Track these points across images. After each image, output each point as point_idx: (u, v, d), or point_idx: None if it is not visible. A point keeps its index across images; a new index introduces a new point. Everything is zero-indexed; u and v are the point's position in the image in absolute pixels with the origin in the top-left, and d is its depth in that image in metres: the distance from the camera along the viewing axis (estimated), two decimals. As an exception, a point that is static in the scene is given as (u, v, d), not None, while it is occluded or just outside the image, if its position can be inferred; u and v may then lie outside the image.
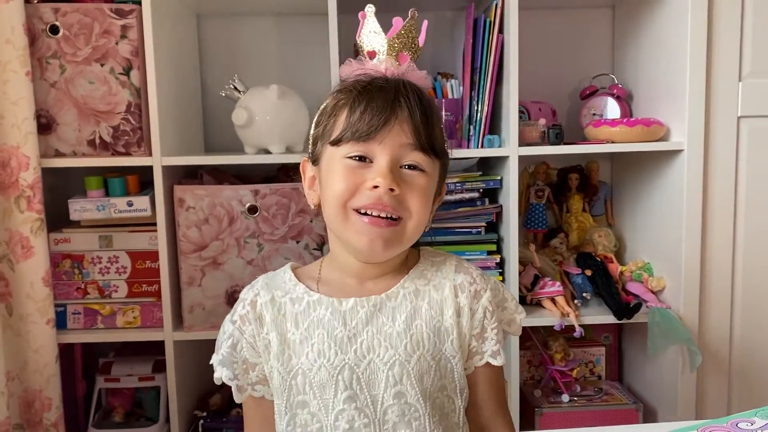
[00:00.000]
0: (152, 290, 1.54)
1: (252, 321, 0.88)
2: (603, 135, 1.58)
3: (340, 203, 0.82)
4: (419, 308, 0.87)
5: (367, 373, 0.84)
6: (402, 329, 0.85)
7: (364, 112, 0.82)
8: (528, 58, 1.53)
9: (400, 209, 0.82)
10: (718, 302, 1.56)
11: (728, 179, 1.53)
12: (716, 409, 1.58)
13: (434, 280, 0.89)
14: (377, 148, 0.82)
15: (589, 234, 1.81)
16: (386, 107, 0.82)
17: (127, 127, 1.48)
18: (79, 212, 1.50)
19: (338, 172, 0.83)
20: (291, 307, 0.87)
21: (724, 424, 0.62)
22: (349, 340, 0.84)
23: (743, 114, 1.51)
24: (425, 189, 0.84)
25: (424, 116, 0.83)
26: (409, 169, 0.83)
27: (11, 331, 1.47)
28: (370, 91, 0.83)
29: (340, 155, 0.83)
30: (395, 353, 0.84)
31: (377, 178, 0.81)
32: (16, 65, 1.40)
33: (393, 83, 0.84)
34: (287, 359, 0.86)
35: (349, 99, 0.84)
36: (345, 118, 0.83)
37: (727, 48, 1.49)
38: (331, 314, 0.86)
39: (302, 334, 0.86)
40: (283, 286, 0.90)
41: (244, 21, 1.82)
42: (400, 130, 0.82)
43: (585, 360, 1.83)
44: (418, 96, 0.84)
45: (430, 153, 0.84)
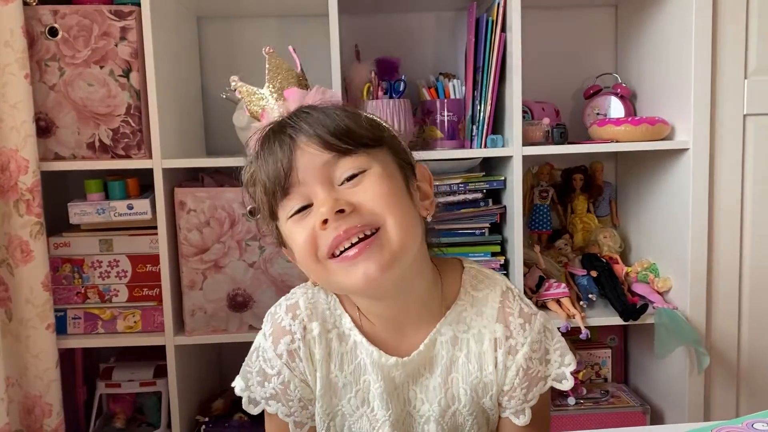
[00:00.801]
0: (153, 294, 1.52)
1: (303, 358, 0.80)
2: (607, 134, 1.56)
3: (310, 259, 0.74)
4: (456, 360, 0.79)
5: (405, 426, 0.80)
6: (438, 383, 0.79)
7: (269, 173, 0.73)
8: (530, 58, 1.52)
9: (364, 219, 0.71)
10: (725, 302, 1.54)
11: (734, 178, 1.51)
12: (724, 410, 1.56)
13: (474, 328, 0.80)
14: (304, 188, 0.73)
15: (594, 235, 1.79)
16: (280, 151, 0.73)
17: (126, 129, 1.47)
18: (78, 216, 1.49)
19: (293, 235, 0.75)
20: (337, 346, 0.80)
21: (739, 425, 0.60)
22: (389, 395, 0.79)
23: (749, 112, 1.49)
24: (380, 184, 0.73)
25: (326, 121, 0.73)
26: (349, 180, 0.73)
27: (11, 336, 1.46)
28: (263, 149, 0.75)
29: (284, 221, 0.76)
30: (430, 408, 0.80)
31: (320, 209, 0.71)
32: (14, 68, 1.39)
33: (279, 124, 0.76)
34: (328, 401, 0.81)
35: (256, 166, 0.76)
36: (261, 189, 0.76)
37: (732, 45, 1.48)
38: (371, 365, 0.79)
39: (346, 378, 0.80)
40: (329, 315, 0.82)
41: (245, 23, 1.81)
42: (308, 154, 0.72)
43: (591, 362, 1.81)
44: (309, 113, 0.75)
45: (358, 149, 0.73)
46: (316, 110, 0.76)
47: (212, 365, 1.79)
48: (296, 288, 0.86)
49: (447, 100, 1.58)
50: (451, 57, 1.78)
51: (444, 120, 1.57)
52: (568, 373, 0.81)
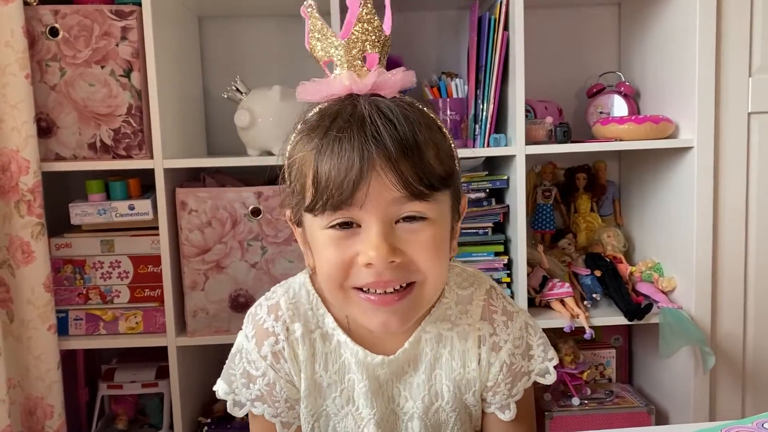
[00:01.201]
0: (155, 295, 1.51)
1: (288, 359, 0.78)
2: (611, 133, 1.55)
3: (335, 284, 0.70)
4: (440, 356, 0.79)
5: (389, 423, 0.79)
6: (422, 380, 0.78)
7: (330, 173, 0.65)
8: (533, 57, 1.51)
9: (408, 275, 0.69)
10: (730, 302, 1.53)
11: (739, 176, 1.50)
12: (730, 411, 1.55)
13: (459, 326, 0.79)
14: (359, 212, 0.66)
15: (598, 234, 1.78)
16: (354, 160, 0.64)
17: (128, 129, 1.47)
18: (80, 216, 1.48)
19: (324, 246, 0.69)
20: (321, 346, 0.79)
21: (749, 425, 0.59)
22: (374, 393, 0.78)
23: (754, 110, 1.48)
24: (435, 240, 0.69)
25: (408, 151, 0.65)
26: (407, 221, 0.68)
27: (12, 337, 1.45)
28: (332, 139, 0.66)
29: (319, 225, 0.69)
30: (414, 405, 0.79)
31: (369, 252, 0.66)
32: (15, 68, 1.38)
33: (358, 117, 0.66)
34: (312, 401, 0.80)
35: (312, 152, 0.68)
36: (311, 183, 0.68)
37: (736, 43, 1.47)
38: (356, 365, 0.78)
39: (330, 378, 0.79)
40: (311, 316, 0.79)
41: (246, 22, 1.80)
42: (382, 183, 0.65)
43: (595, 362, 1.80)
44: (394, 125, 0.66)
45: (429, 195, 0.67)
46: (400, 120, 0.66)
47: (214, 366, 1.77)
48: (277, 286, 0.84)
49: (449, 99, 1.57)
50: (454, 56, 1.77)
51: (447, 119, 1.56)
52: (551, 368, 0.82)
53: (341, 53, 0.71)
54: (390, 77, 0.70)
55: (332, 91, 0.71)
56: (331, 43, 0.71)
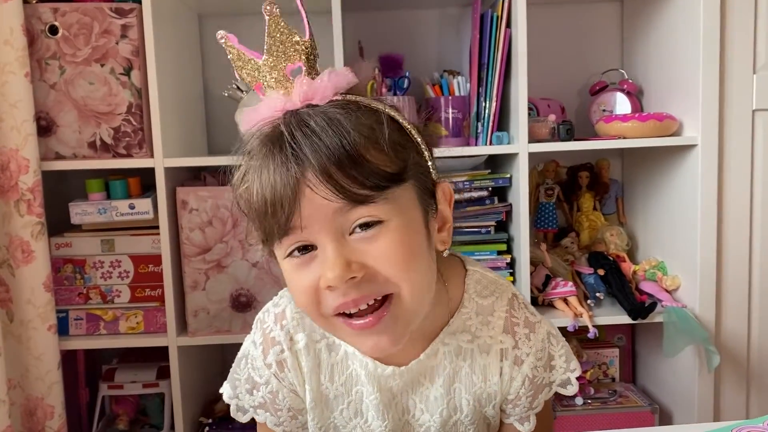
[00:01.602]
0: (155, 295, 1.51)
1: (292, 368, 0.76)
2: (614, 131, 1.54)
3: (314, 314, 0.67)
4: (459, 369, 0.75)
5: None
6: (440, 393, 0.75)
7: (264, 202, 0.62)
8: (535, 54, 1.50)
9: (378, 288, 0.63)
10: (734, 301, 1.52)
11: (744, 173, 1.49)
12: (734, 410, 1.54)
13: (480, 338, 0.75)
14: (308, 234, 0.63)
15: (601, 233, 1.77)
16: (278, 183, 0.61)
17: (128, 128, 1.46)
18: (80, 216, 1.47)
19: (289, 276, 0.67)
20: (327, 357, 0.76)
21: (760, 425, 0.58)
22: (386, 406, 0.75)
23: (758, 107, 1.47)
24: (396, 243, 0.63)
25: (336, 160, 0.60)
26: (362, 230, 0.63)
27: (12, 337, 1.44)
28: (257, 168, 0.63)
29: (281, 255, 0.67)
30: (431, 418, 0.76)
31: (327, 274, 0.62)
32: (15, 66, 1.37)
33: (276, 138, 0.63)
34: (319, 414, 0.77)
35: (245, 186, 0.66)
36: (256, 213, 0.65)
37: (740, 39, 1.45)
38: (366, 377, 0.75)
39: (337, 389, 0.76)
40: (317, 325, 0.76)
41: (247, 20, 1.78)
42: (315, 198, 0.61)
43: (598, 362, 1.79)
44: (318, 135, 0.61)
45: (375, 196, 0.62)
46: (328, 125, 0.62)
47: (215, 366, 1.77)
48: (284, 291, 0.80)
49: (452, 98, 1.56)
50: (456, 54, 1.76)
51: (449, 117, 1.55)
52: (573, 379, 0.79)
53: (265, 74, 0.67)
54: (318, 83, 0.66)
55: (267, 115, 0.66)
56: (253, 65, 0.68)
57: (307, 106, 0.65)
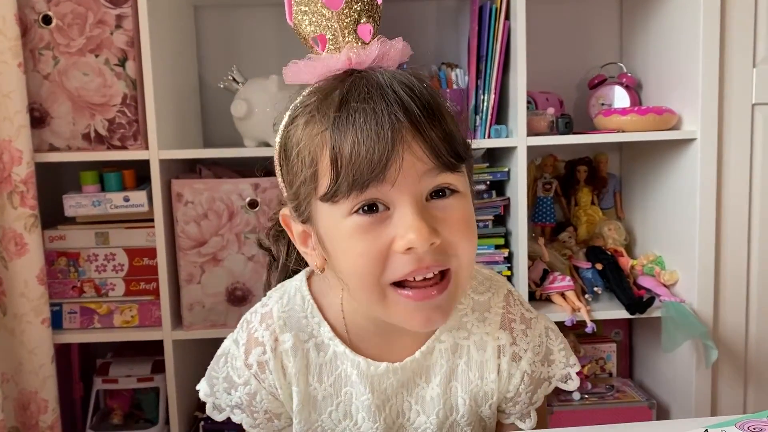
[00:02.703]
0: (150, 288, 1.49)
1: (273, 370, 0.73)
2: (613, 124, 1.53)
3: (370, 282, 0.62)
4: (455, 367, 0.73)
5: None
6: (437, 393, 0.73)
7: (356, 148, 0.58)
8: (534, 47, 1.49)
9: (446, 259, 0.62)
10: (733, 296, 1.51)
11: (743, 168, 1.48)
12: (732, 405, 1.54)
13: (476, 335, 0.73)
14: (390, 190, 0.59)
15: (599, 227, 1.76)
16: (383, 133, 0.58)
17: (122, 120, 1.44)
18: (74, 208, 1.46)
19: (349, 237, 0.61)
20: (315, 357, 0.73)
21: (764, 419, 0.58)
22: (378, 408, 0.72)
23: (758, 101, 1.46)
24: (468, 216, 0.63)
25: (434, 119, 0.60)
26: (438, 197, 0.62)
27: (5, 331, 1.43)
28: (349, 115, 0.59)
29: (341, 213, 0.61)
30: (427, 420, 0.73)
31: (408, 236, 0.59)
32: (7, 56, 1.35)
33: (375, 88, 0.60)
34: (306, 416, 0.74)
35: (326, 131, 0.60)
36: (330, 164, 0.60)
37: (740, 33, 1.44)
38: (358, 376, 0.72)
39: (326, 390, 0.73)
40: (305, 325, 0.74)
41: (243, 11, 1.78)
42: (412, 155, 0.59)
43: (595, 356, 1.78)
44: (415, 92, 0.60)
45: (457, 166, 0.62)
46: (421, 93, 0.61)
47: (211, 360, 1.76)
48: (272, 291, 0.78)
49: (450, 90, 1.55)
50: (454, 46, 1.75)
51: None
52: (574, 374, 0.78)
53: (335, 25, 0.63)
54: (392, 47, 0.64)
55: (331, 67, 0.63)
56: (322, 14, 0.63)
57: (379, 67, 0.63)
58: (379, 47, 0.63)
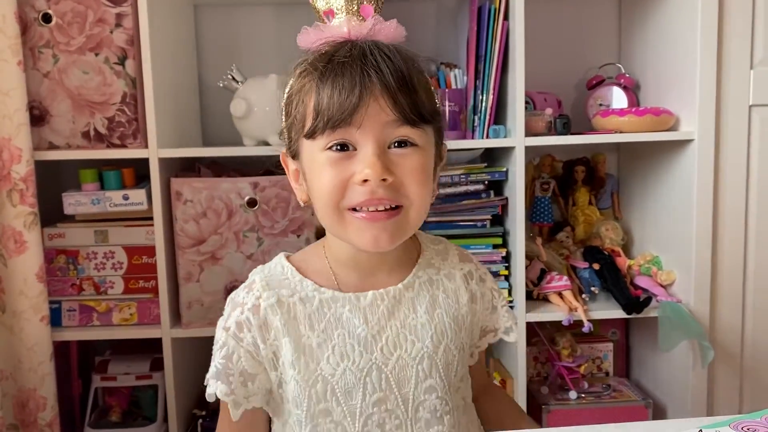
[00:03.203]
0: (149, 286, 1.50)
1: (254, 327, 0.79)
2: (611, 125, 1.54)
3: (331, 204, 0.75)
4: (436, 297, 0.83)
5: (396, 371, 0.78)
6: (425, 320, 0.81)
7: (332, 96, 0.72)
8: (533, 47, 1.49)
9: (398, 197, 0.74)
10: (729, 296, 1.52)
11: (740, 169, 1.49)
12: (728, 405, 1.55)
13: (444, 269, 0.86)
14: (357, 133, 0.73)
15: (596, 227, 1.77)
16: (355, 84, 0.71)
17: (122, 118, 1.44)
18: (73, 206, 1.46)
19: (321, 168, 0.74)
20: (302, 308, 0.79)
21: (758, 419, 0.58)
22: (374, 338, 0.78)
23: (755, 102, 1.47)
24: (422, 167, 0.76)
25: (403, 83, 0.73)
26: (399, 147, 0.74)
27: (4, 328, 1.43)
28: (333, 68, 0.73)
29: (318, 148, 0.75)
30: (423, 346, 0.80)
31: (365, 170, 0.72)
32: (7, 54, 1.36)
33: (358, 51, 0.74)
34: (304, 366, 0.77)
35: (313, 81, 0.74)
36: (313, 106, 0.74)
37: (738, 35, 1.45)
38: (350, 311, 0.79)
39: (319, 336, 0.78)
40: (287, 283, 0.81)
41: (243, 11, 1.78)
42: (378, 107, 0.72)
43: (592, 356, 1.79)
44: (391, 60, 0.73)
45: (419, 123, 0.74)
46: (397, 62, 0.74)
47: (209, 358, 1.76)
48: (253, 270, 0.87)
49: (448, 90, 1.55)
50: (453, 46, 1.76)
51: (445, 110, 1.55)
52: None
53: (342, 3, 0.78)
54: (386, 25, 0.77)
55: (334, 34, 0.77)
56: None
57: (372, 40, 0.76)
58: (374, 23, 0.77)
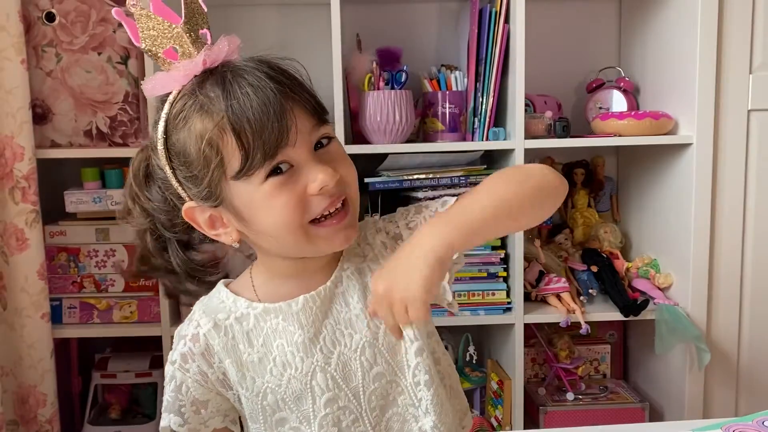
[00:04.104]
0: (149, 284, 1.51)
1: (197, 356, 0.79)
2: (610, 128, 1.55)
3: (295, 225, 0.73)
4: (367, 284, 0.81)
5: (340, 368, 0.78)
6: (359, 310, 0.79)
7: (256, 125, 0.68)
8: (533, 50, 1.50)
9: (343, 189, 0.76)
10: (726, 299, 1.53)
11: (738, 173, 1.50)
12: (724, 408, 1.56)
13: (368, 254, 0.83)
14: (291, 150, 0.71)
15: (595, 230, 1.78)
16: (269, 106, 0.69)
17: (124, 117, 1.45)
18: (75, 204, 1.47)
19: (269, 198, 0.72)
20: (239, 328, 0.79)
21: (749, 422, 0.59)
22: (311, 341, 0.78)
23: (753, 107, 1.48)
24: (344, 152, 0.78)
25: (302, 87, 0.73)
26: (321, 147, 0.75)
27: (5, 325, 1.44)
28: (237, 99, 0.69)
29: (256, 183, 0.71)
30: (361, 336, 0.79)
31: (319, 177, 0.71)
32: (11, 53, 1.37)
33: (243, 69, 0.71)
34: (250, 382, 0.78)
35: (222, 121, 0.69)
36: (236, 146, 0.69)
37: (737, 40, 1.46)
38: (284, 320, 0.78)
39: (259, 351, 0.78)
40: (222, 307, 0.81)
41: (245, 11, 1.79)
42: (301, 117, 0.71)
43: (590, 358, 1.80)
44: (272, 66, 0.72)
45: (328, 116, 0.77)
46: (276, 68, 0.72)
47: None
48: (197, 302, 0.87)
49: (449, 92, 1.56)
50: (454, 48, 1.76)
51: (445, 112, 1.55)
52: None
53: (183, 35, 0.72)
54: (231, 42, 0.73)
55: (190, 71, 0.72)
56: (171, 29, 0.72)
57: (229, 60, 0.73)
58: (228, 44, 0.73)
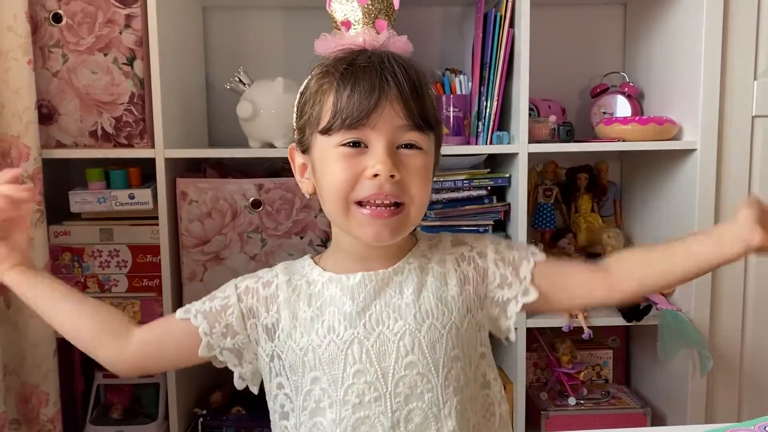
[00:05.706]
0: (153, 285, 1.51)
1: (260, 297, 0.87)
2: (614, 133, 1.55)
3: (340, 197, 0.80)
4: (425, 281, 0.87)
5: (377, 346, 0.83)
6: (410, 300, 0.85)
7: (352, 97, 0.78)
8: (537, 55, 1.50)
9: (401, 195, 0.80)
10: (729, 305, 1.53)
11: (742, 180, 1.50)
12: (727, 413, 1.55)
13: (436, 257, 0.89)
14: (371, 133, 0.79)
15: (598, 235, 1.77)
16: (374, 89, 0.78)
17: (129, 118, 1.46)
18: (79, 204, 1.47)
19: (334, 162, 0.80)
20: (306, 288, 0.87)
21: (751, 427, 0.59)
22: (358, 314, 0.83)
23: (758, 113, 1.48)
24: (425, 169, 0.83)
25: (415, 91, 0.80)
26: (405, 148, 0.81)
27: (9, 324, 1.44)
28: (354, 72, 0.79)
29: (332, 144, 0.80)
30: (405, 324, 0.84)
31: (377, 166, 0.78)
32: (17, 53, 1.37)
33: (377, 59, 0.81)
34: (299, 337, 0.85)
35: (333, 83, 0.80)
36: (332, 105, 0.80)
37: (742, 46, 1.46)
38: (341, 290, 0.85)
39: (313, 312, 0.85)
40: (302, 270, 0.90)
41: (250, 14, 1.79)
42: (392, 111, 0.79)
43: (592, 363, 1.80)
44: (405, 70, 0.80)
45: (425, 129, 0.82)
46: (410, 72, 0.81)
47: (211, 358, 1.77)
48: None
49: (453, 96, 1.57)
50: (458, 52, 1.77)
51: (450, 116, 1.56)
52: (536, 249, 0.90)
53: (359, 16, 0.84)
54: (398, 39, 0.84)
55: (350, 43, 0.83)
56: (353, 8, 0.84)
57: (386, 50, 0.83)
58: (388, 36, 0.84)
